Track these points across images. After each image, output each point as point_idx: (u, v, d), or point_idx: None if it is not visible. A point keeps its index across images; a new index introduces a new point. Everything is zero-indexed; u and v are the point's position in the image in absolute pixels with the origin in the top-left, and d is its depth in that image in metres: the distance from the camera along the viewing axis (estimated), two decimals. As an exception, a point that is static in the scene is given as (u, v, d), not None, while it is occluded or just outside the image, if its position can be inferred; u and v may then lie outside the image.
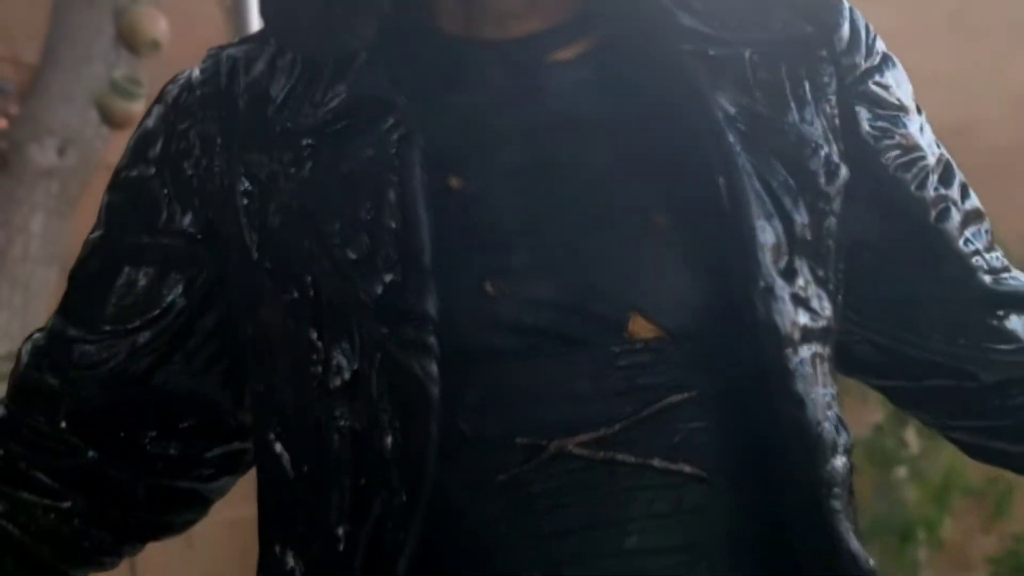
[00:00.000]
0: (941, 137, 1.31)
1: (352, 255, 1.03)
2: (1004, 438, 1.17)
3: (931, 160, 1.17)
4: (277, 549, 1.04)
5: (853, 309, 1.12)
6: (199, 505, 1.18)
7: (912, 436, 4.76)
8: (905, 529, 4.63)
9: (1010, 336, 1.16)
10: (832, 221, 1.08)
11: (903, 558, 4.73)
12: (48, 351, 1.15)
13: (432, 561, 0.99)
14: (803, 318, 1.04)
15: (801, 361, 1.02)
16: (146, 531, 1.18)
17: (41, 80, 4.06)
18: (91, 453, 1.14)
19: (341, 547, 0.99)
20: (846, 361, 1.15)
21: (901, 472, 4.82)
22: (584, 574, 0.99)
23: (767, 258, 1.03)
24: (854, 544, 1.02)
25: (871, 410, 4.88)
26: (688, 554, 1.00)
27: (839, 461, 1.03)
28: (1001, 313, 1.16)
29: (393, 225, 1.02)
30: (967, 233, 1.17)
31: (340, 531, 1.00)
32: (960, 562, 5.53)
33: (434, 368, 0.99)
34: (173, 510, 1.17)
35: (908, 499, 4.76)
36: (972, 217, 1.18)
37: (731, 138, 1.05)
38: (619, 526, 1.00)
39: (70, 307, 1.16)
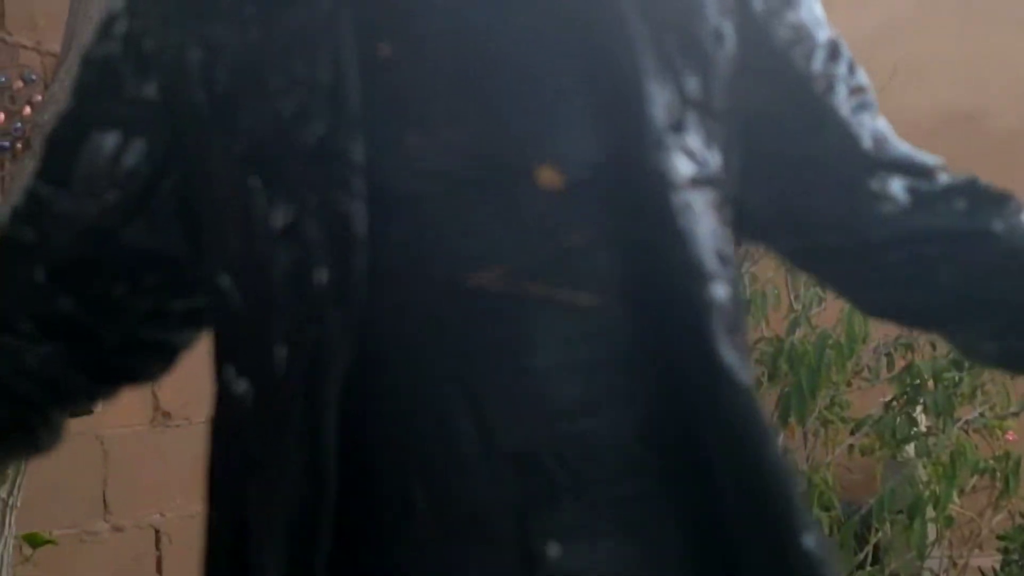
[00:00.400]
0: (951, 123, 1.39)
1: (289, 109, 1.16)
2: (893, 289, 1.34)
3: (819, 40, 1.32)
4: (230, 373, 1.18)
5: (751, 178, 1.27)
6: (167, 355, 1.33)
7: (921, 415, 4.80)
8: (914, 506, 4.68)
9: (891, 198, 1.31)
10: (720, 83, 1.24)
11: (913, 535, 4.77)
12: (26, 209, 1.29)
13: (364, 384, 1.13)
14: (690, 167, 1.18)
15: (686, 203, 1.16)
16: (119, 376, 1.33)
17: (63, 67, 4.10)
18: (67, 302, 1.27)
19: (283, 368, 1.13)
20: (751, 227, 1.32)
21: (910, 450, 4.86)
22: (496, 390, 1.14)
23: (658, 114, 1.17)
24: (730, 359, 1.14)
25: (881, 390, 4.93)
26: (590, 374, 1.15)
27: (720, 289, 1.16)
28: (883, 176, 1.31)
29: (325, 82, 1.15)
30: (852, 104, 1.32)
31: (281, 354, 1.13)
32: (970, 539, 5.58)
33: (361, 207, 1.13)
34: (143, 358, 1.32)
35: (918, 477, 4.80)
36: (857, 90, 1.33)
37: (629, 8, 1.19)
38: (528, 349, 1.14)
39: (46, 170, 1.30)
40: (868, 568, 4.97)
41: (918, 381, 4.72)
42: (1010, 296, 1.30)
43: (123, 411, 3.82)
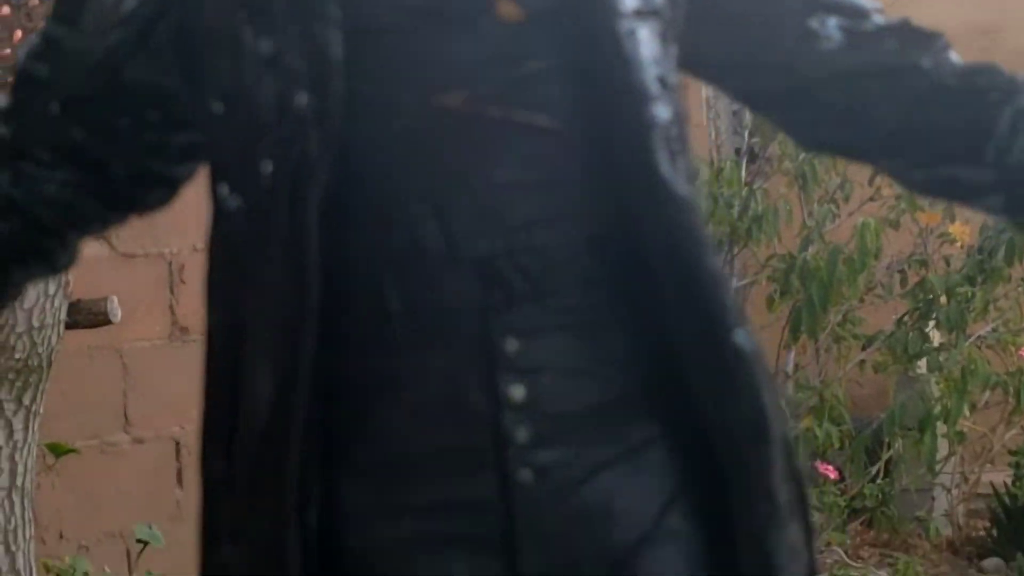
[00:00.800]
0: (970, 38, 1.43)
1: None
2: (831, 125, 1.44)
3: None
4: (223, 191, 1.30)
5: (699, 22, 1.37)
6: (168, 186, 1.45)
7: (933, 330, 4.82)
8: (924, 420, 4.71)
9: (828, 37, 1.40)
10: None
11: (923, 449, 4.81)
12: (41, 48, 1.41)
13: (343, 200, 1.26)
14: (635, 1, 1.29)
15: (631, 30, 1.28)
16: (126, 204, 1.46)
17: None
18: (78, 133, 1.40)
19: (269, 182, 1.26)
20: (702, 70, 1.44)
21: (922, 366, 4.89)
22: (460, 203, 1.26)
23: None
24: (668, 172, 1.26)
25: (895, 307, 4.96)
26: (546, 191, 1.27)
27: (662, 110, 1.27)
28: (821, 16, 1.41)
29: None
30: None
31: (267, 169, 1.26)
32: (982, 455, 5.63)
33: (337, 35, 1.25)
34: (146, 187, 1.44)
35: (930, 392, 4.84)
36: None
37: None
38: (489, 166, 1.27)
39: (58, 12, 1.42)
40: (879, 481, 5.02)
41: (931, 296, 4.73)
42: (936, 128, 1.41)
43: (142, 326, 3.85)
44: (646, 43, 1.29)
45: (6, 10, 3.75)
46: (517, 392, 1.26)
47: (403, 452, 1.28)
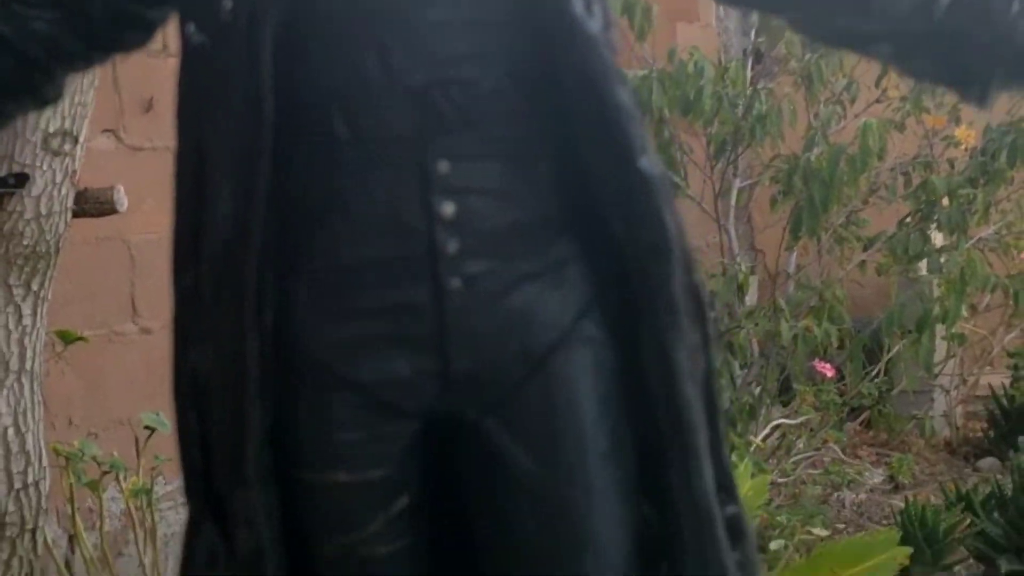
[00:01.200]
0: None
1: None
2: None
3: None
4: (191, 29, 1.45)
5: None
6: (144, 29, 1.65)
7: (935, 231, 4.84)
8: (923, 320, 4.74)
9: None
10: None
11: (921, 350, 4.84)
12: None
13: (293, 39, 1.41)
14: None
15: None
16: (106, 43, 1.66)
17: None
18: None
19: (230, 18, 1.41)
20: None
21: (923, 267, 4.91)
22: (397, 40, 1.42)
23: None
24: (580, 11, 1.43)
25: (898, 208, 4.98)
26: (473, 30, 1.44)
27: None
28: None
29: None
30: None
31: (227, 6, 1.41)
32: (981, 357, 5.68)
33: None
34: (124, 28, 1.64)
35: (930, 294, 4.86)
36: None
37: None
38: (424, 5, 1.43)
39: None
40: (877, 380, 5.07)
41: (933, 198, 4.75)
42: None
43: (149, 218, 3.88)
44: None
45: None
46: (448, 209, 1.43)
47: (348, 263, 1.45)
